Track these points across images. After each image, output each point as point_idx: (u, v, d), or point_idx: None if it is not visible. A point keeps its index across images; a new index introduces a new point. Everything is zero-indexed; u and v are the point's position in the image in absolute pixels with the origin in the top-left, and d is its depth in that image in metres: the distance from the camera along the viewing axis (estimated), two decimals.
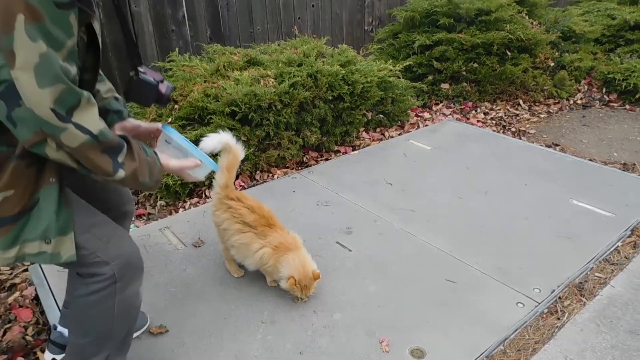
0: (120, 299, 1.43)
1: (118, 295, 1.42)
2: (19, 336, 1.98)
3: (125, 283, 1.43)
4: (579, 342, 1.87)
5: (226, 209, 2.09)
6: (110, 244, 1.39)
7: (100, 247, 1.37)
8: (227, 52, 3.64)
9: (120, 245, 1.42)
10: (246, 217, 2.06)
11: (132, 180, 1.28)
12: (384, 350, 1.84)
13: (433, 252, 2.42)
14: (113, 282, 1.40)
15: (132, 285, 1.46)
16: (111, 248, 1.39)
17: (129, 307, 1.49)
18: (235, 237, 2.07)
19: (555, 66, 4.74)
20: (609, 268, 2.31)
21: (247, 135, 3.10)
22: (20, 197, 1.23)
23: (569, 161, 3.40)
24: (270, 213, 2.13)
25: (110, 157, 1.22)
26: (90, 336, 1.48)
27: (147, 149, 1.35)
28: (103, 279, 1.38)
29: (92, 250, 1.35)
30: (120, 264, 1.40)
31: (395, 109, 4.00)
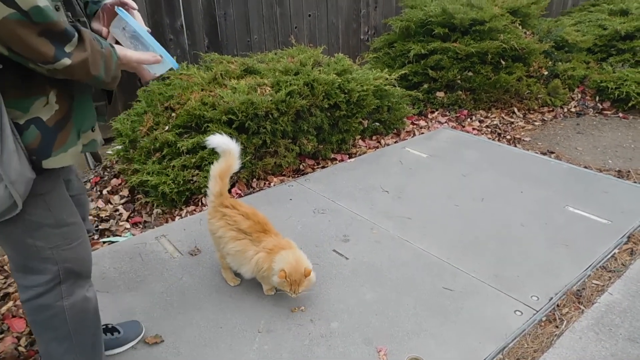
0: (70, 304, 1.42)
1: (65, 299, 1.41)
2: (12, 347, 1.95)
3: (71, 286, 1.42)
4: (578, 350, 1.87)
5: (221, 216, 2.09)
6: (70, 247, 1.38)
7: (60, 246, 1.35)
8: (224, 60, 3.65)
9: (78, 252, 1.41)
10: (241, 224, 2.05)
11: (82, 72, 1.16)
12: (382, 359, 1.83)
13: (430, 260, 2.41)
14: (57, 283, 1.39)
15: (78, 289, 1.44)
16: (68, 251, 1.38)
17: (82, 311, 1.47)
18: (230, 245, 2.06)
19: (549, 75, 4.78)
20: (606, 275, 2.31)
21: (244, 143, 3.10)
22: (65, 92, 1.24)
23: (564, 168, 3.42)
24: (265, 219, 2.13)
25: (52, 42, 1.08)
26: (53, 344, 1.47)
27: (102, 41, 1.24)
28: (46, 281, 1.37)
29: (50, 245, 1.34)
30: (68, 269, 1.39)
31: (391, 117, 4.01)
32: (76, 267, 1.41)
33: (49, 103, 1.20)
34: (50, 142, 1.22)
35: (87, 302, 1.48)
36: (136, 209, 3.05)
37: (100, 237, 2.78)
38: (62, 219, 1.35)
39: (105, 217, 2.96)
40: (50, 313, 1.41)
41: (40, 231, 1.31)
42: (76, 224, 1.41)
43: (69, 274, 1.40)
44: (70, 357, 1.49)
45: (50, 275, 1.37)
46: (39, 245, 1.32)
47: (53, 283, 1.38)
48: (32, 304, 1.41)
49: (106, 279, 2.30)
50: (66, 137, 1.26)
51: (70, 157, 1.28)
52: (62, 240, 1.36)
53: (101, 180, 3.42)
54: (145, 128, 3.18)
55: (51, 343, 1.47)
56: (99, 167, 3.59)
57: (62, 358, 1.50)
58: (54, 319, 1.43)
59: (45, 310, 1.41)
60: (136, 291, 2.22)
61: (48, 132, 1.21)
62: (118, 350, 1.88)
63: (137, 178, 2.99)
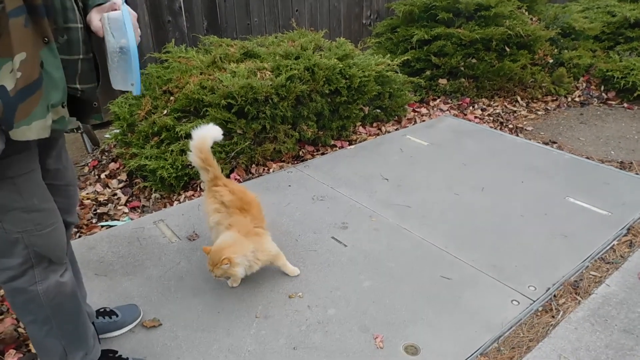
0: (44, 288, 1.41)
1: (39, 284, 1.40)
2: (11, 328, 1.96)
3: (44, 271, 1.40)
4: (573, 340, 1.87)
5: (212, 194, 2.13)
6: (40, 234, 1.35)
7: (30, 231, 1.33)
8: (223, 44, 3.60)
9: (49, 239, 1.39)
10: (224, 197, 2.08)
11: None
12: (378, 346, 1.84)
13: (428, 249, 2.41)
14: (30, 267, 1.37)
15: (52, 274, 1.43)
16: (38, 237, 1.35)
17: (58, 296, 1.45)
18: (211, 217, 2.10)
19: (554, 63, 4.72)
20: (604, 267, 2.31)
21: (243, 128, 3.07)
22: (32, 60, 1.15)
23: (566, 159, 3.39)
24: (251, 200, 2.13)
25: None
26: (33, 326, 1.47)
27: None
28: (18, 264, 1.36)
29: (19, 229, 1.32)
30: (38, 253, 1.37)
31: (392, 103, 3.98)
32: (47, 252, 1.39)
33: (13, 69, 1.13)
34: (11, 113, 1.15)
35: (62, 287, 1.46)
36: (134, 194, 3.04)
37: (99, 221, 2.78)
38: (33, 204, 1.32)
39: (103, 201, 2.95)
40: (25, 297, 1.41)
41: (9, 214, 1.29)
42: (48, 210, 1.38)
43: (41, 258, 1.39)
44: (51, 340, 1.50)
45: (21, 259, 1.35)
46: (7, 227, 1.30)
47: (25, 267, 1.37)
48: (7, 286, 1.40)
49: (104, 262, 2.30)
50: (31, 109, 1.18)
51: (35, 131, 1.20)
52: (32, 225, 1.33)
53: (99, 164, 3.41)
54: (143, 112, 3.15)
55: (32, 325, 1.48)
56: (96, 150, 3.57)
57: (44, 341, 1.50)
58: (30, 303, 1.42)
59: (20, 294, 1.40)
60: (134, 275, 2.22)
61: (10, 102, 1.14)
62: (116, 333, 1.89)
63: (135, 162, 2.97)
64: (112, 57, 1.30)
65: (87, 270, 2.23)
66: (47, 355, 1.54)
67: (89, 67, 1.35)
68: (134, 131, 3.16)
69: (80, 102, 1.38)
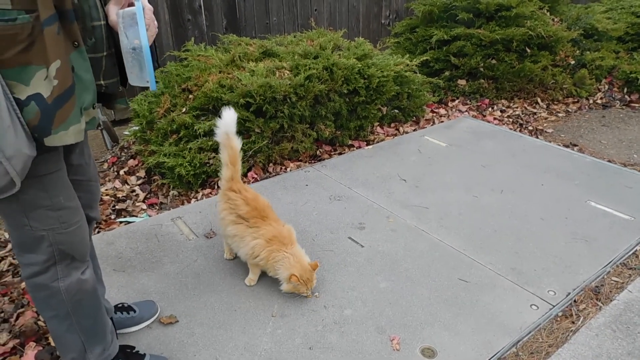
0: (66, 285, 1.43)
1: (61, 280, 1.42)
2: (32, 321, 1.99)
3: (66, 267, 1.42)
4: (594, 347, 1.84)
5: (226, 200, 2.13)
6: (65, 231, 1.37)
7: (56, 229, 1.35)
8: (242, 42, 3.62)
9: (74, 237, 1.40)
10: (240, 208, 2.08)
11: None
12: (394, 348, 1.82)
13: (446, 250, 2.38)
14: (52, 263, 1.39)
15: (74, 271, 1.44)
16: (64, 235, 1.37)
17: (79, 293, 1.47)
18: (229, 228, 2.10)
19: (576, 64, 4.64)
20: (626, 272, 2.26)
21: (261, 127, 3.08)
22: (65, 66, 1.17)
23: (587, 162, 3.33)
24: (265, 205, 2.13)
25: None
26: (54, 321, 1.49)
27: None
28: (42, 260, 1.37)
29: (45, 227, 1.33)
30: (62, 250, 1.39)
31: (410, 104, 3.95)
32: (70, 250, 1.41)
33: (48, 77, 1.15)
34: (49, 120, 1.17)
35: (83, 284, 1.48)
36: (152, 190, 3.07)
37: (117, 217, 2.81)
38: (59, 202, 1.34)
39: (122, 197, 2.99)
40: (47, 293, 1.43)
41: (36, 212, 1.31)
42: (73, 208, 1.39)
43: (65, 255, 1.40)
44: (71, 336, 1.52)
45: (45, 256, 1.37)
46: (33, 225, 1.32)
47: (48, 263, 1.39)
48: (30, 282, 1.42)
49: (122, 258, 2.33)
50: (67, 114, 1.21)
51: (73, 136, 1.23)
52: (58, 223, 1.35)
53: (118, 160, 3.45)
54: (162, 109, 3.18)
55: (52, 320, 1.50)
56: (116, 147, 3.61)
57: (64, 336, 1.52)
58: (52, 299, 1.44)
59: (42, 290, 1.42)
60: (152, 271, 2.24)
61: (47, 109, 1.16)
62: (134, 329, 1.90)
63: (153, 159, 3.00)
64: (126, 56, 1.31)
65: (106, 265, 2.25)
66: (66, 350, 1.56)
67: (112, 63, 1.36)
68: (153, 128, 3.19)
69: (104, 94, 1.41)
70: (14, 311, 2.05)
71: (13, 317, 2.02)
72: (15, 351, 1.87)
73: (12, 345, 1.89)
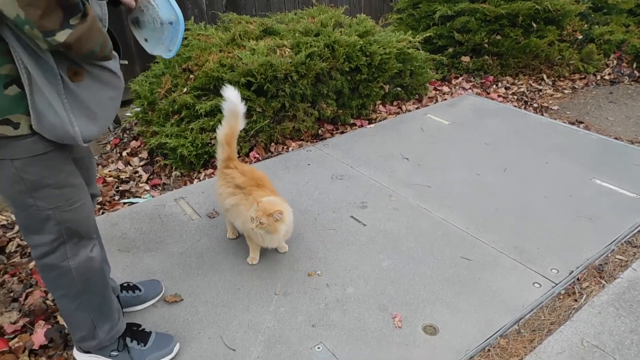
0: (75, 264, 1.45)
1: (71, 259, 1.44)
2: (40, 300, 2.02)
3: (75, 246, 1.44)
4: (596, 324, 1.84)
5: (223, 177, 2.15)
6: (71, 209, 1.39)
7: (61, 207, 1.37)
8: (243, 21, 3.56)
9: (79, 213, 1.42)
10: (237, 179, 2.09)
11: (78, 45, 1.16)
12: (396, 325, 1.84)
13: (448, 229, 2.38)
14: (61, 243, 1.41)
15: (82, 250, 1.47)
16: (70, 213, 1.39)
17: (88, 271, 1.50)
18: (227, 200, 2.11)
19: (584, 39, 4.54)
20: (631, 251, 2.25)
21: (263, 106, 3.06)
22: None
23: (593, 139, 3.29)
24: (262, 177, 2.14)
25: (64, 13, 1.11)
26: (65, 300, 1.51)
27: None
28: (50, 240, 1.39)
29: (51, 206, 1.35)
30: (69, 229, 1.40)
31: (413, 82, 3.90)
32: (77, 227, 1.42)
33: None
34: None
35: (92, 262, 1.50)
36: (155, 171, 3.08)
37: (121, 198, 2.82)
38: (63, 180, 1.36)
39: (125, 178, 2.99)
40: (57, 272, 1.45)
41: (41, 191, 1.32)
42: (77, 185, 1.41)
43: (72, 233, 1.42)
44: (81, 313, 1.54)
45: (53, 235, 1.39)
46: (39, 205, 1.33)
47: (57, 243, 1.41)
48: (40, 262, 1.44)
49: (127, 239, 2.35)
50: None
51: None
52: (63, 201, 1.36)
53: (120, 142, 3.45)
54: (163, 90, 3.16)
55: (63, 299, 1.52)
56: (118, 129, 3.61)
57: (75, 314, 1.55)
58: (62, 278, 1.46)
59: (52, 270, 1.44)
60: (156, 251, 2.26)
61: None
62: (139, 308, 1.93)
63: (155, 140, 2.99)
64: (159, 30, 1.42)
65: (111, 246, 2.27)
66: (77, 328, 1.59)
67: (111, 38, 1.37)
68: (155, 109, 3.18)
69: None
70: (23, 291, 2.08)
71: (22, 297, 2.06)
72: (25, 329, 1.91)
73: (22, 323, 1.93)
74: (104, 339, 1.61)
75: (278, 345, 1.77)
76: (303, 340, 1.78)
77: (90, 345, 1.62)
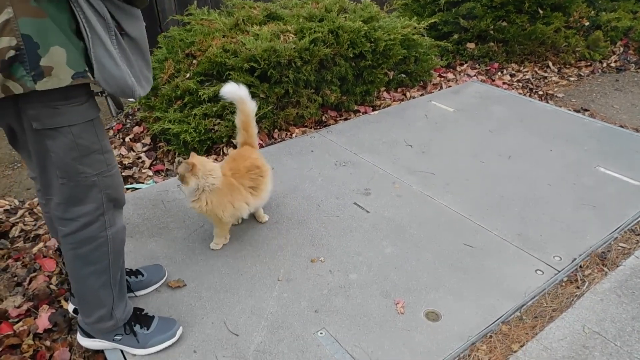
0: (112, 233, 1.47)
1: (109, 229, 1.46)
2: (44, 285, 2.04)
3: (112, 216, 1.46)
4: (598, 311, 1.85)
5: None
6: (110, 174, 1.41)
7: (104, 172, 1.39)
8: (246, 5, 3.53)
9: (116, 179, 1.45)
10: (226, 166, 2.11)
11: None
12: (399, 311, 1.85)
13: (452, 216, 2.38)
14: (101, 213, 1.42)
15: (118, 218, 1.49)
16: (109, 178, 1.41)
17: (121, 241, 1.52)
18: None
19: (590, 26, 4.49)
20: (634, 238, 2.25)
21: (266, 92, 3.04)
22: None
23: (598, 127, 3.27)
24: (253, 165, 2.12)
25: None
26: (91, 278, 1.49)
27: None
28: (92, 209, 1.40)
29: (96, 172, 1.37)
30: (109, 195, 1.42)
31: (418, 68, 3.87)
32: (115, 193, 1.45)
33: None
34: None
35: (124, 232, 1.54)
36: (158, 157, 3.07)
37: (124, 183, 2.82)
38: (106, 145, 1.39)
39: (128, 164, 2.99)
40: (95, 245, 1.44)
41: (90, 157, 1.35)
42: (111, 150, 1.44)
43: (110, 201, 1.44)
44: (105, 291, 1.54)
45: (95, 204, 1.40)
46: (87, 172, 1.35)
47: (98, 213, 1.41)
48: (76, 237, 1.42)
49: (130, 224, 2.35)
50: None
51: None
52: (105, 166, 1.39)
53: (123, 127, 3.44)
54: (166, 75, 3.14)
55: (91, 277, 1.50)
56: (121, 114, 3.59)
57: (98, 292, 1.53)
58: (96, 251, 1.46)
59: (89, 243, 1.44)
60: (159, 237, 2.27)
61: None
62: (142, 292, 1.94)
63: (158, 126, 2.99)
64: None
65: None
66: (97, 308, 1.57)
67: None
68: (157, 95, 3.16)
69: None
70: (27, 275, 2.10)
71: (26, 281, 2.07)
72: (29, 313, 1.93)
73: (26, 307, 1.94)
74: (120, 319, 1.62)
75: (281, 331, 1.78)
76: (306, 326, 1.79)
77: (106, 326, 1.61)
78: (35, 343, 1.80)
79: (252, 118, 2.13)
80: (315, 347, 1.71)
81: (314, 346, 1.71)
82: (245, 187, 2.07)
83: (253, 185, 2.10)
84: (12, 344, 1.79)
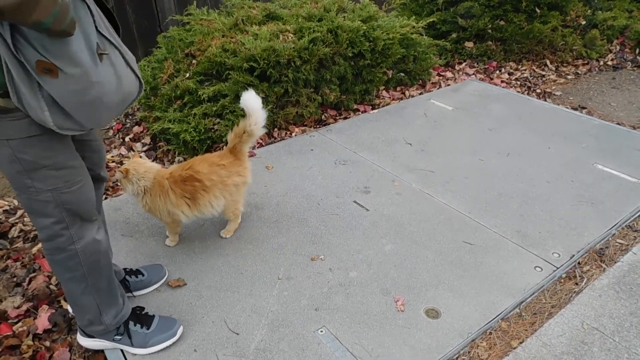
0: (82, 247, 1.46)
1: (77, 243, 1.45)
2: (44, 285, 2.04)
3: (79, 230, 1.44)
4: (596, 307, 1.86)
5: None
6: (70, 191, 1.38)
7: (60, 188, 1.36)
8: (245, 5, 3.53)
9: (79, 195, 1.41)
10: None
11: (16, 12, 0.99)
12: (399, 309, 1.86)
13: (451, 214, 2.39)
14: (65, 227, 1.41)
15: (87, 232, 1.47)
16: (69, 194, 1.38)
17: (95, 253, 1.50)
18: None
19: (587, 25, 4.50)
20: (631, 235, 2.26)
21: (266, 91, 3.05)
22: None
23: (595, 124, 3.28)
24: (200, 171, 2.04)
25: None
26: (71, 284, 1.51)
27: None
28: (52, 222, 1.39)
29: (49, 187, 1.34)
30: (70, 210, 1.40)
31: (416, 67, 3.88)
32: (79, 209, 1.42)
33: None
34: None
35: (98, 245, 1.51)
36: (158, 157, 3.08)
37: None
38: (62, 161, 1.35)
39: None
40: (65, 255, 1.45)
41: (38, 172, 1.31)
42: (76, 167, 1.40)
43: (74, 216, 1.42)
44: (87, 297, 1.55)
45: (54, 218, 1.39)
46: (38, 186, 1.33)
47: (60, 227, 1.40)
48: (47, 245, 1.44)
49: (130, 224, 2.36)
50: None
51: None
52: (61, 182, 1.36)
53: (123, 127, 3.44)
54: (165, 75, 3.15)
55: (69, 283, 1.52)
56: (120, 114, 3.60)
57: (80, 298, 1.55)
58: (69, 261, 1.47)
59: (59, 252, 1.45)
60: (159, 236, 2.27)
61: None
62: (142, 292, 1.95)
63: (158, 126, 2.99)
64: None
65: (114, 230, 2.28)
66: (83, 312, 1.60)
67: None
68: (157, 94, 3.17)
69: None
70: (26, 275, 2.10)
71: (26, 282, 2.07)
72: (29, 314, 1.93)
73: (25, 308, 1.94)
74: (110, 324, 1.63)
75: (281, 329, 1.79)
76: (306, 324, 1.80)
77: (96, 330, 1.64)
78: (34, 343, 1.80)
79: (244, 134, 2.06)
80: (315, 345, 1.72)
81: (315, 344, 1.72)
82: (177, 194, 2.00)
83: (189, 196, 2.02)
84: (12, 344, 1.79)
